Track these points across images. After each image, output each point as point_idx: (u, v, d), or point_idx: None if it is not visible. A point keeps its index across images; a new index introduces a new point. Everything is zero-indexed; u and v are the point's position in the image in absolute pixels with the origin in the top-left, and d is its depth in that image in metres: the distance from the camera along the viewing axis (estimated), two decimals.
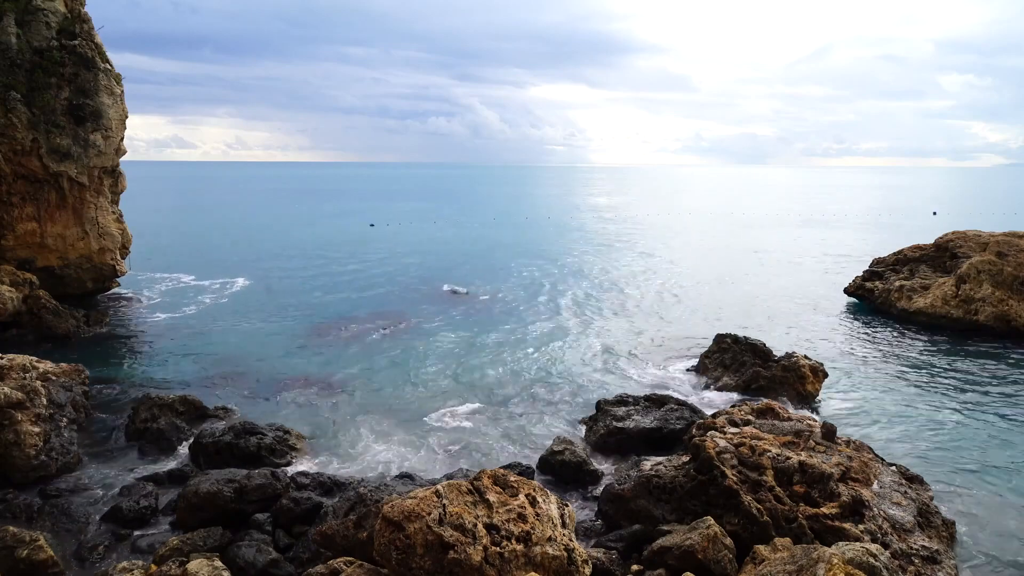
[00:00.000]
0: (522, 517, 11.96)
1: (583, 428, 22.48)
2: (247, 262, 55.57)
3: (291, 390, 26.00)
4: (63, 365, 22.69)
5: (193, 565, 12.97)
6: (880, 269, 42.59)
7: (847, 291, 43.28)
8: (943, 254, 40.22)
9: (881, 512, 14.70)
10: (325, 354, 30.57)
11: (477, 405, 24.64)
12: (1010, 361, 29.62)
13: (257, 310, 39.06)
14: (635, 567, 14.13)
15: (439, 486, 12.23)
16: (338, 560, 12.93)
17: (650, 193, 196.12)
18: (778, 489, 14.94)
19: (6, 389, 19.10)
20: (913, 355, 30.80)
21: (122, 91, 39.43)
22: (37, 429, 19.01)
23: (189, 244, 66.95)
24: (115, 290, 42.00)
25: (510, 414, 23.91)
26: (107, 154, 38.56)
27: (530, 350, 31.49)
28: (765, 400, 20.04)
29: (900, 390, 26.22)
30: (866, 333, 34.85)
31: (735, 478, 15.19)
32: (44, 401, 20.05)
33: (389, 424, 22.88)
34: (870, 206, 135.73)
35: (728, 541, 13.88)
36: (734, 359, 26.45)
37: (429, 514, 11.46)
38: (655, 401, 23.05)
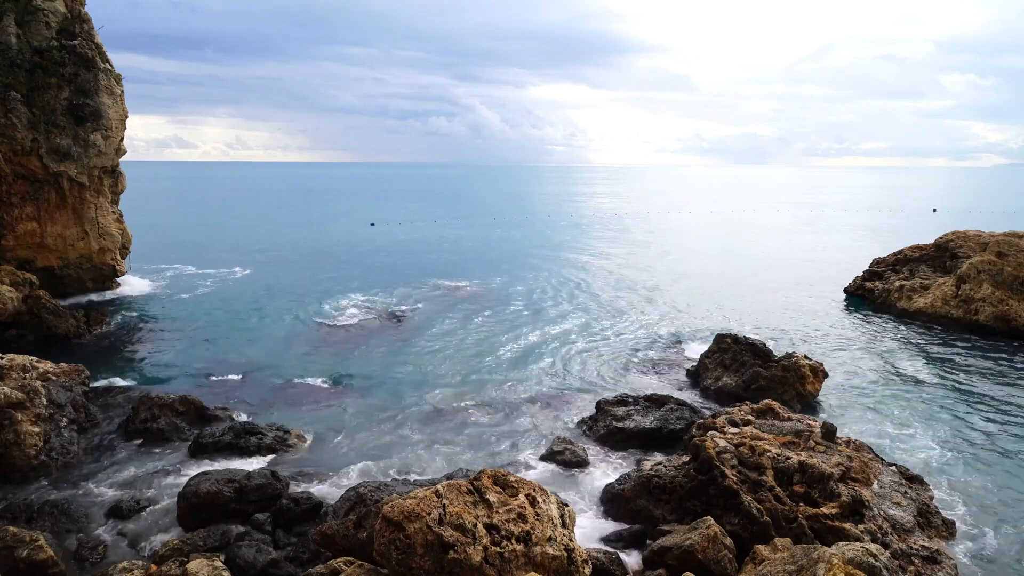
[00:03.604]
0: (522, 517, 11.96)
1: (583, 428, 22.47)
2: (248, 261, 55.57)
3: (291, 389, 26.01)
4: (63, 365, 22.69)
5: (193, 565, 12.97)
6: (880, 269, 42.62)
7: (847, 291, 43.30)
8: (943, 254, 40.25)
9: (881, 512, 14.70)
10: (325, 354, 30.57)
11: (477, 404, 24.65)
12: (1010, 361, 29.62)
13: (257, 309, 39.06)
14: (635, 567, 14.13)
15: (439, 486, 12.23)
16: (338, 560, 12.93)
17: (650, 193, 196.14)
18: (778, 489, 14.94)
19: (6, 389, 19.10)
20: (913, 355, 30.79)
21: (122, 91, 39.47)
22: (37, 429, 19.02)
23: (190, 243, 66.90)
24: (115, 290, 41.99)
25: (510, 413, 23.90)
26: (107, 154, 38.58)
27: (530, 349, 31.48)
28: (765, 400, 20.02)
29: (900, 390, 26.21)
30: (866, 333, 34.83)
31: (735, 478, 15.19)
32: (44, 401, 20.06)
33: (389, 423, 22.88)
34: (870, 206, 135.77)
35: (728, 541, 13.88)
36: (734, 359, 26.44)
37: (429, 514, 11.46)
38: (655, 401, 23.06)
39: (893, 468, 17.20)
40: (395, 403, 24.73)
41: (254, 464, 19.23)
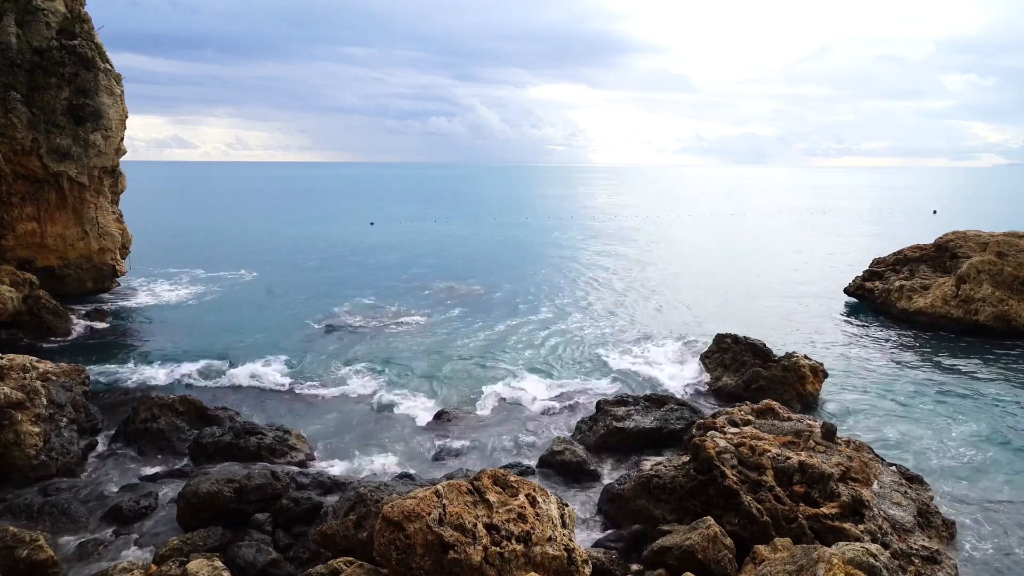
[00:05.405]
0: (522, 517, 11.96)
1: (583, 428, 22.45)
2: (248, 261, 55.56)
3: (292, 390, 26.02)
4: (63, 365, 22.68)
5: (193, 565, 12.97)
6: (880, 269, 42.57)
7: (847, 291, 43.27)
8: (943, 254, 40.20)
9: (881, 512, 14.70)
10: (325, 354, 30.55)
11: (477, 404, 24.66)
12: (1010, 361, 29.61)
13: (257, 310, 39.06)
14: (635, 567, 14.13)
15: (439, 486, 12.23)
16: (338, 560, 12.93)
17: (650, 193, 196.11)
18: (778, 489, 14.94)
19: (6, 389, 19.09)
20: (913, 355, 30.79)
21: (122, 91, 39.44)
22: (37, 429, 19.01)
23: (189, 243, 66.92)
24: (115, 290, 42.00)
25: (510, 413, 23.91)
26: (107, 154, 38.56)
27: (529, 349, 31.49)
28: (765, 400, 20.02)
29: (900, 390, 26.21)
30: (866, 333, 34.84)
31: (735, 478, 15.19)
32: (44, 401, 20.05)
33: (389, 423, 22.90)
34: (870, 206, 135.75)
35: (728, 541, 13.88)
36: (734, 359, 26.44)
37: (429, 514, 11.46)
38: (655, 401, 23.05)
39: (893, 468, 17.19)
40: (395, 403, 24.74)
41: (254, 464, 19.21)
